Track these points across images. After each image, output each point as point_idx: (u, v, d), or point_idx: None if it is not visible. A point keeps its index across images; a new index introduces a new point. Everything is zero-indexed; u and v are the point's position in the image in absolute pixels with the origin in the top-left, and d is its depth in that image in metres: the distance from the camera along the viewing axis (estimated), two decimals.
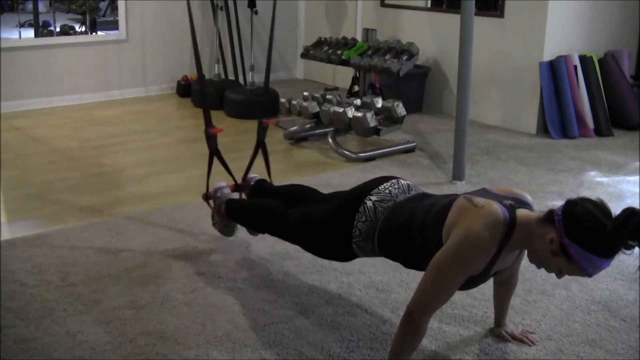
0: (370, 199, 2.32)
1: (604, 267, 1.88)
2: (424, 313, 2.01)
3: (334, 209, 2.43)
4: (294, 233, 2.63)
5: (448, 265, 1.96)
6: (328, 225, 2.42)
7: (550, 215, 1.93)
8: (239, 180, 3.25)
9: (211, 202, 3.15)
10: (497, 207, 1.96)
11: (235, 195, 3.21)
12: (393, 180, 2.40)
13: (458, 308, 2.68)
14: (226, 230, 3.16)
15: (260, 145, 3.25)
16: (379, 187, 2.37)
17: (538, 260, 2.00)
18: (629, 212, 1.80)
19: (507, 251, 2.02)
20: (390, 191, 2.35)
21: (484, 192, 2.12)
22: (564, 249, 1.88)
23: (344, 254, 2.43)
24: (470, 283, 2.05)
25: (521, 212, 2.00)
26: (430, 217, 2.11)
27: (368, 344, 2.42)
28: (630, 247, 1.81)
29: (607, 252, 1.85)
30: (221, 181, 3.18)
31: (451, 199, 2.12)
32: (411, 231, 2.16)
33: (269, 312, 2.62)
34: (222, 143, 3.26)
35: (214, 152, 3.18)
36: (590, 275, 1.91)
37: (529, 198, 2.14)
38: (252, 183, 3.22)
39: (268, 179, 3.25)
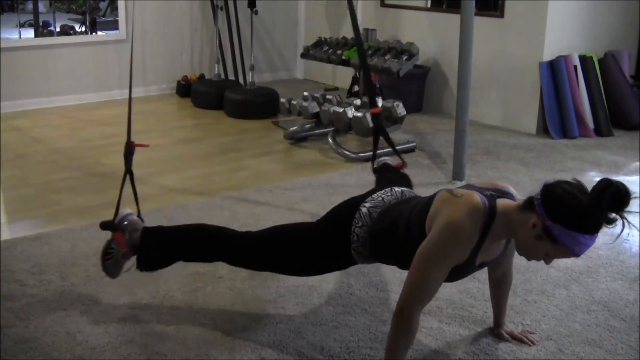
0: (364, 206, 2.34)
1: (589, 245, 1.89)
2: (414, 307, 2.01)
3: (328, 220, 2.42)
4: (267, 253, 2.42)
5: (431, 254, 1.98)
6: (321, 235, 2.38)
7: (529, 201, 1.95)
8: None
9: (115, 231, 2.59)
10: (476, 196, 1.99)
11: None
12: (387, 189, 2.42)
13: (458, 308, 2.68)
14: (114, 269, 2.57)
15: (128, 173, 2.78)
16: (372, 196, 2.39)
17: (524, 249, 2.01)
18: (605, 184, 1.82)
19: (490, 241, 2.03)
20: (383, 198, 2.37)
21: (467, 187, 2.15)
22: (547, 232, 1.89)
23: (341, 262, 2.40)
24: (457, 274, 2.07)
25: (501, 201, 2.02)
26: (415, 214, 2.14)
27: (368, 344, 2.42)
28: (612, 221, 1.83)
29: (589, 227, 1.86)
30: (125, 208, 2.67)
31: (434, 194, 2.14)
32: (398, 231, 2.18)
33: (269, 312, 2.62)
34: (223, 143, 3.26)
35: (129, 172, 2.75)
36: (577, 255, 1.91)
37: (511, 189, 2.16)
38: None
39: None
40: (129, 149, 2.78)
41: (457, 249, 1.97)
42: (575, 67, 5.47)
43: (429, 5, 6.38)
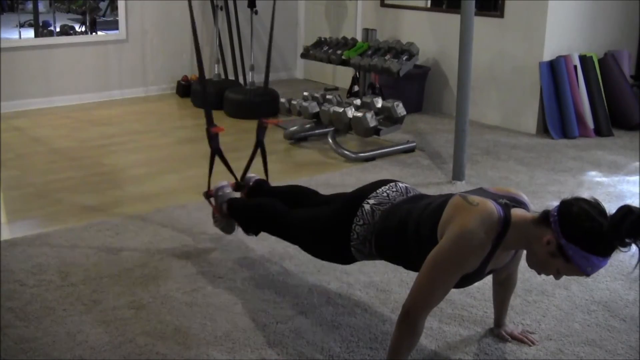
0: (368, 202, 2.33)
1: (602, 266, 1.89)
2: (421, 311, 2.01)
3: (333, 212, 2.44)
4: (294, 232, 2.64)
5: (443, 262, 1.97)
6: (328, 227, 2.43)
7: (545, 216, 1.93)
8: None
9: (212, 200, 3.16)
10: (491, 205, 1.97)
11: (237, 194, 3.22)
12: (391, 184, 2.41)
13: (458, 308, 2.68)
14: (227, 228, 3.17)
15: (259, 145, 3.26)
16: (377, 191, 2.38)
17: (536, 264, 2.00)
18: (626, 211, 1.80)
19: (501, 250, 2.02)
20: (388, 194, 2.36)
21: (480, 192, 2.13)
22: (561, 250, 1.88)
23: (343, 257, 2.44)
24: (465, 281, 2.06)
25: (516, 212, 2.00)
26: (426, 216, 2.12)
27: (368, 344, 2.42)
28: (627, 245, 1.82)
29: (604, 251, 1.85)
30: (222, 180, 3.18)
31: (446, 197, 2.13)
32: (407, 231, 2.17)
33: (269, 312, 2.62)
34: (222, 142, 3.26)
35: (216, 152, 3.19)
36: (588, 275, 1.91)
37: (525, 198, 2.14)
38: (251, 183, 3.22)
39: (266, 179, 3.26)
40: (210, 135, 3.21)
41: (469, 259, 1.96)
42: (575, 67, 5.48)
43: (429, 5, 6.37)
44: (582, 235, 1.85)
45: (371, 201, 2.34)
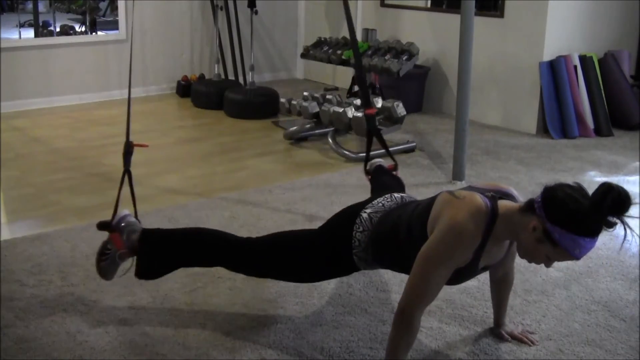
0: (365, 212, 2.35)
1: (589, 248, 1.89)
2: (415, 308, 2.01)
3: (329, 226, 2.42)
4: (267, 259, 2.41)
5: (434, 256, 1.98)
6: (322, 242, 2.38)
7: (530, 204, 1.95)
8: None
9: (116, 234, 2.54)
10: (478, 198, 1.99)
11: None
12: (386, 195, 2.43)
13: (458, 308, 2.68)
14: (110, 270, 2.52)
15: (126, 173, 2.75)
16: (373, 202, 2.40)
17: (525, 252, 2.01)
18: (606, 188, 1.82)
19: (492, 243, 2.03)
20: (383, 204, 2.38)
21: (468, 188, 2.16)
22: (547, 234, 1.89)
23: (342, 268, 2.40)
24: (459, 276, 2.06)
25: (503, 203, 2.02)
26: (415, 217, 2.14)
27: (368, 344, 2.42)
28: (612, 225, 1.83)
29: (590, 230, 1.86)
30: (124, 209, 2.63)
31: (434, 196, 2.14)
32: (399, 234, 2.18)
33: (269, 312, 2.62)
34: (223, 143, 3.26)
35: (127, 172, 2.73)
36: (577, 258, 1.91)
37: (512, 191, 2.16)
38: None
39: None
40: (128, 149, 2.74)
41: (459, 250, 1.97)
42: (575, 67, 5.48)
43: (429, 5, 6.38)
44: (566, 216, 1.86)
45: (368, 210, 2.36)
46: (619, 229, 1.84)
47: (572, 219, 1.86)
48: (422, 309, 2.03)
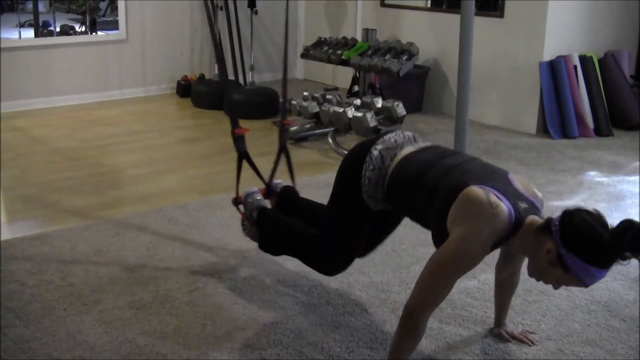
0: (376, 148, 2.32)
1: (600, 277, 1.89)
2: (424, 312, 2.01)
3: (341, 168, 2.44)
4: (324, 259, 2.54)
5: (447, 264, 1.97)
6: (338, 186, 2.42)
7: (547, 225, 1.94)
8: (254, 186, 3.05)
9: (241, 207, 2.96)
10: (506, 212, 1.94)
11: (267, 202, 3.01)
12: (398, 131, 2.41)
13: (458, 308, 2.68)
14: (257, 236, 2.90)
15: (283, 150, 3.10)
16: (384, 137, 2.37)
17: (535, 272, 2.01)
18: (627, 224, 1.81)
19: (502, 249, 2.06)
20: (395, 140, 2.35)
21: (506, 183, 2.07)
22: (561, 260, 1.88)
23: (359, 212, 2.37)
24: None
25: (528, 220, 1.99)
26: (446, 185, 2.07)
27: (368, 344, 2.42)
28: (627, 258, 1.83)
29: (604, 262, 1.86)
30: (252, 186, 3.00)
31: (468, 178, 2.05)
32: (421, 185, 2.14)
33: (269, 312, 2.62)
34: (223, 143, 3.26)
35: (243, 155, 2.99)
36: (587, 286, 1.91)
37: (541, 203, 2.11)
38: (278, 190, 3.05)
39: (293, 186, 3.08)
40: (236, 135, 3.06)
41: (473, 262, 1.98)
42: (575, 67, 5.48)
43: (429, 5, 6.38)
44: (581, 245, 1.85)
45: (379, 147, 2.32)
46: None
47: (588, 248, 1.85)
48: (430, 312, 2.03)
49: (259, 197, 2.93)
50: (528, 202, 2.04)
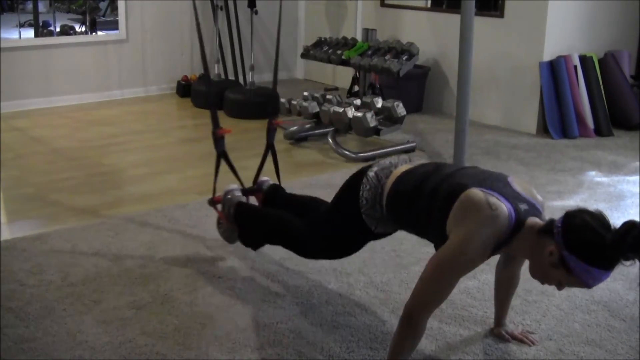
0: (372, 170, 2.36)
1: (603, 279, 1.89)
2: (424, 312, 2.01)
3: (339, 192, 2.48)
4: (305, 236, 2.57)
5: (447, 266, 1.97)
6: (336, 206, 2.46)
7: (549, 227, 1.93)
8: (246, 184, 3.12)
9: (218, 206, 3.01)
10: (506, 214, 1.95)
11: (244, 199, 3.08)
12: (394, 156, 2.45)
13: (458, 308, 2.68)
14: (232, 237, 3.00)
15: (270, 148, 3.17)
16: (379, 161, 2.41)
17: (538, 273, 2.01)
18: (629, 225, 1.81)
19: (502, 251, 2.05)
20: (390, 162, 2.38)
21: (505, 185, 2.07)
22: (563, 261, 1.89)
23: (358, 231, 2.39)
24: None
25: (530, 221, 1.99)
26: (446, 188, 2.08)
27: (368, 344, 2.42)
28: (630, 259, 1.83)
29: (606, 264, 1.86)
30: (231, 183, 3.06)
31: (468, 181, 2.06)
32: (420, 193, 2.15)
33: (269, 312, 2.62)
34: None
35: (221, 155, 3.04)
36: (589, 287, 1.92)
37: (542, 205, 2.11)
38: (265, 187, 3.10)
39: (279, 184, 3.15)
40: (217, 136, 3.06)
41: (473, 264, 1.98)
42: (575, 67, 5.48)
43: (429, 5, 6.38)
44: (584, 247, 1.85)
45: (375, 168, 2.36)
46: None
47: (590, 250, 1.85)
48: (430, 313, 2.03)
49: (238, 194, 2.98)
50: (528, 203, 2.04)
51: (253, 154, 4.96)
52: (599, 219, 1.89)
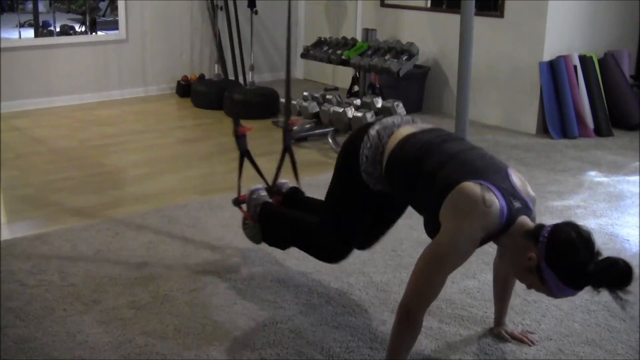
0: (373, 128, 2.34)
1: (571, 295, 1.98)
2: (419, 308, 2.02)
3: (341, 151, 2.47)
4: (319, 229, 2.56)
5: (438, 259, 1.99)
6: (338, 167, 2.45)
7: (536, 234, 1.96)
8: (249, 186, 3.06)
9: (243, 206, 2.96)
10: (499, 210, 1.96)
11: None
12: (396, 115, 2.46)
13: (458, 308, 2.68)
14: (257, 237, 2.92)
15: (287, 151, 3.07)
16: (382, 120, 2.40)
17: (512, 270, 2.08)
18: (612, 262, 1.85)
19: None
20: (393, 121, 2.37)
21: (504, 178, 2.06)
22: (539, 271, 1.94)
23: (357, 191, 2.38)
24: None
25: (520, 221, 2.01)
26: (443, 176, 2.07)
27: (368, 344, 2.42)
28: (600, 290, 1.87)
29: (578, 286, 1.92)
30: (257, 184, 3.02)
31: (467, 171, 2.05)
32: (420, 169, 2.14)
33: (269, 312, 2.62)
34: (223, 143, 3.26)
35: (244, 154, 3.00)
36: (555, 297, 2.01)
37: (534, 203, 2.12)
38: (284, 190, 3.05)
39: (298, 187, 3.08)
40: (238, 134, 3.03)
41: (463, 257, 2.01)
42: (575, 67, 5.48)
43: (429, 5, 6.37)
44: (563, 266, 1.90)
45: (376, 127, 2.34)
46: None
47: (568, 272, 1.90)
48: (425, 307, 2.04)
49: (263, 194, 2.94)
50: (522, 201, 2.04)
51: (253, 154, 4.96)
52: (585, 240, 1.91)
